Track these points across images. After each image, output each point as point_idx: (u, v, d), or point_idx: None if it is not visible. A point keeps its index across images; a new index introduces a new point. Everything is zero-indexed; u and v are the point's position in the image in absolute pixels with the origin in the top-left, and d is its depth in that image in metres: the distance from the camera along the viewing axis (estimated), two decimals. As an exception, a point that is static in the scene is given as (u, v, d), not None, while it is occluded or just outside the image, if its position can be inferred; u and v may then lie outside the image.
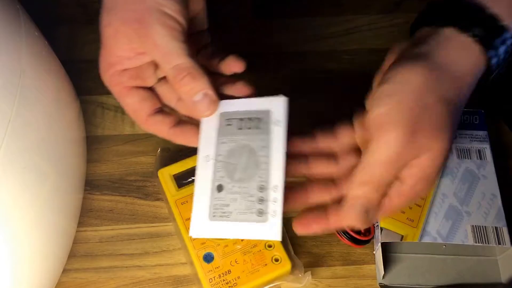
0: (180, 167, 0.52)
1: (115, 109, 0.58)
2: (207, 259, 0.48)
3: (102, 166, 0.55)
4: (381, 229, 0.49)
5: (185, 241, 0.49)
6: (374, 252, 0.50)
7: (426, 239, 0.48)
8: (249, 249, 0.48)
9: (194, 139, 0.40)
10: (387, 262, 0.50)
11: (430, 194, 0.50)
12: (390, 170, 0.36)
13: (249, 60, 0.42)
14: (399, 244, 0.51)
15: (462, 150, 0.52)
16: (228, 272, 0.47)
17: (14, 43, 0.40)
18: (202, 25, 0.44)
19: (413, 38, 0.39)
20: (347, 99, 0.52)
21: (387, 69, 0.38)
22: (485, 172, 0.51)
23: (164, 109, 0.42)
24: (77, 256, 0.51)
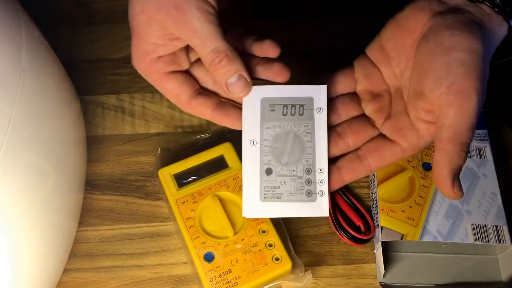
0: (181, 167, 0.52)
1: (115, 109, 0.58)
2: (208, 259, 0.48)
3: (103, 166, 0.55)
4: (382, 228, 0.49)
5: (186, 241, 0.49)
6: (375, 251, 0.50)
7: (427, 238, 0.48)
8: (250, 249, 0.48)
9: (238, 123, 0.41)
10: (388, 261, 0.50)
11: (430, 193, 0.50)
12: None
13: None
14: (400, 243, 0.51)
15: (462, 149, 0.52)
16: (229, 272, 0.47)
17: (14, 43, 0.40)
18: (225, 4, 0.44)
19: (443, 4, 0.40)
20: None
21: (436, 31, 0.39)
22: (485, 171, 0.51)
23: (204, 92, 0.42)
24: (78, 256, 0.51)
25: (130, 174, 0.55)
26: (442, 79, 0.37)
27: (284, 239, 0.49)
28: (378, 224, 0.49)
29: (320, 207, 0.41)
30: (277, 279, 0.48)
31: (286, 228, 0.50)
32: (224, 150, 0.53)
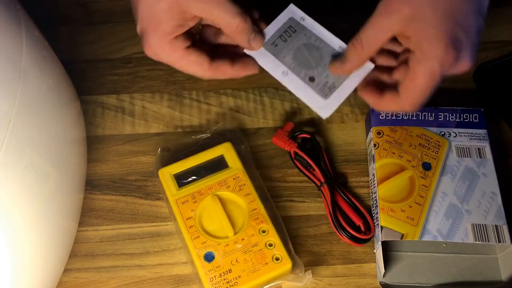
0: (181, 167, 0.52)
1: (115, 109, 0.58)
2: (208, 258, 0.48)
3: (103, 166, 0.55)
4: (382, 228, 0.49)
5: (186, 241, 0.49)
6: (375, 251, 0.51)
7: (427, 238, 0.48)
8: (250, 248, 0.48)
9: (256, 66, 0.48)
10: (388, 261, 0.50)
11: (430, 193, 0.50)
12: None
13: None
14: (400, 243, 0.51)
15: (462, 149, 0.52)
16: (229, 271, 0.47)
17: (14, 43, 0.40)
18: None
19: None
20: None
21: None
22: (485, 170, 0.51)
23: (216, 56, 0.48)
24: (78, 256, 0.51)
25: (130, 174, 0.55)
26: None
27: (284, 239, 0.49)
28: (378, 224, 0.49)
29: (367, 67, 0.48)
30: (277, 279, 0.48)
31: (286, 228, 0.50)
32: (224, 150, 0.53)
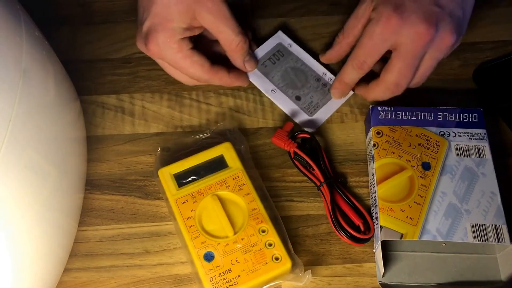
0: (180, 167, 0.52)
1: (115, 109, 0.58)
2: (208, 258, 0.48)
3: (103, 166, 0.56)
4: (381, 228, 0.49)
5: (186, 240, 0.49)
6: (374, 251, 0.51)
7: (426, 237, 0.48)
8: (250, 248, 0.48)
9: (247, 80, 0.57)
10: (387, 261, 0.50)
11: (430, 193, 0.50)
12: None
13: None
14: (399, 243, 0.51)
15: (461, 148, 0.53)
16: (229, 271, 0.47)
17: (15, 43, 0.40)
18: None
19: None
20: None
21: None
22: (485, 170, 0.51)
23: (215, 61, 0.53)
24: (78, 256, 0.51)
25: (130, 174, 0.55)
26: None
27: (284, 239, 0.49)
28: (378, 224, 0.49)
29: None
30: (277, 279, 0.48)
31: (286, 228, 0.51)
32: (224, 150, 0.53)
